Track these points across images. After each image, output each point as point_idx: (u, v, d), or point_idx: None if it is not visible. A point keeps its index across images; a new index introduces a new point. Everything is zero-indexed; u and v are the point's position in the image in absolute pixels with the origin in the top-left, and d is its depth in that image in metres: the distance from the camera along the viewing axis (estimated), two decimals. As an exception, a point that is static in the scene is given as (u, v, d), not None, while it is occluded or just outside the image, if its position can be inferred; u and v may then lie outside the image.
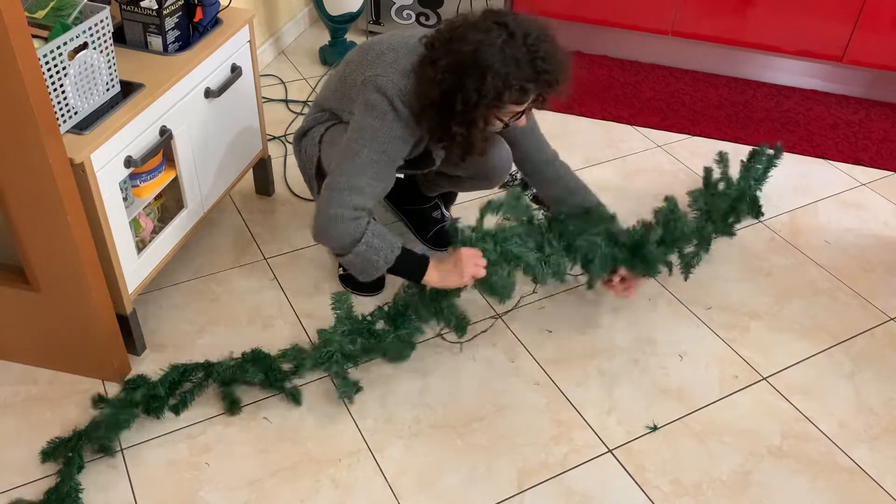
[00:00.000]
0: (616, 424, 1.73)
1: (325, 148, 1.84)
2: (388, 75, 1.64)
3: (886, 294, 2.13)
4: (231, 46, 1.93)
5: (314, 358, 1.72)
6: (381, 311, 1.82)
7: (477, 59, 1.53)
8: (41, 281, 1.60)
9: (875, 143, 2.79)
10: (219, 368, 1.73)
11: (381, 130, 1.64)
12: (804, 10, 2.87)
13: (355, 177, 1.64)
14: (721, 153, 2.30)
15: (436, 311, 1.80)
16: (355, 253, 1.66)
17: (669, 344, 1.94)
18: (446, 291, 1.77)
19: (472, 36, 1.54)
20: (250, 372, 1.72)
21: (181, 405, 1.69)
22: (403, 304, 1.80)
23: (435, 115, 1.63)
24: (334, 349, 1.72)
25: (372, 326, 1.79)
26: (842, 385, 1.86)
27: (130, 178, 1.72)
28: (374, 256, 1.67)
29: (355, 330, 1.76)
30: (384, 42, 1.73)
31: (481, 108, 1.57)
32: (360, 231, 1.65)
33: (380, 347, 1.78)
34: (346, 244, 1.66)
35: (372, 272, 1.70)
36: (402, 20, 3.21)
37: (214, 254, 2.13)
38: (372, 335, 1.78)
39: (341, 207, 1.63)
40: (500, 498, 1.58)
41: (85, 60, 1.55)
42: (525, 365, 1.87)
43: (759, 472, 1.65)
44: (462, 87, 1.55)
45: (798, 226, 2.37)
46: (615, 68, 3.19)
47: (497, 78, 1.53)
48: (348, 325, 1.76)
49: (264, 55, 3.01)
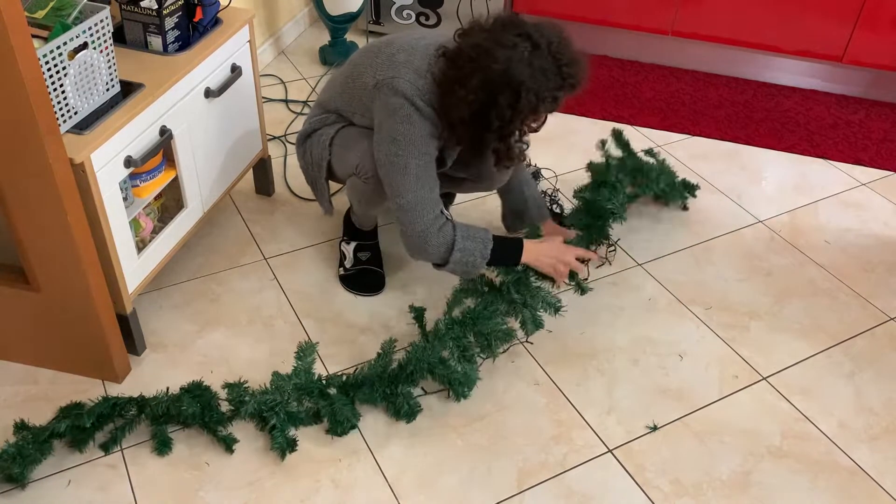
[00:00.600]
0: (616, 424, 1.73)
1: (336, 151, 1.84)
2: (403, 76, 1.65)
3: (886, 294, 2.13)
4: (231, 46, 1.93)
5: (258, 403, 1.64)
6: (338, 379, 1.73)
7: (508, 77, 1.55)
8: (41, 281, 1.60)
9: (875, 143, 2.79)
10: (151, 403, 1.64)
11: (414, 134, 1.66)
12: (804, 10, 2.87)
13: (418, 190, 1.68)
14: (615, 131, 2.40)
15: (389, 393, 1.71)
16: (453, 261, 1.73)
17: (669, 344, 1.94)
18: (409, 373, 1.70)
19: (499, 53, 1.55)
20: (185, 406, 1.62)
21: (111, 443, 1.61)
22: (363, 378, 1.71)
23: (467, 130, 1.65)
24: (279, 402, 1.64)
25: (325, 389, 1.71)
26: (842, 385, 1.86)
27: (130, 178, 1.72)
28: (471, 258, 1.73)
29: (307, 387, 1.69)
30: (393, 44, 1.73)
31: (517, 122, 1.61)
32: (451, 238, 1.72)
33: (325, 412, 1.67)
34: (442, 254, 1.72)
35: (474, 272, 1.77)
36: (402, 20, 3.20)
37: (214, 254, 2.13)
38: (322, 397, 1.69)
39: (423, 223, 1.69)
40: (500, 498, 1.58)
41: (85, 60, 1.55)
42: (525, 365, 1.87)
43: (759, 472, 1.65)
44: (496, 105, 1.57)
45: (798, 226, 2.37)
46: (615, 68, 3.19)
47: (531, 93, 1.56)
48: (303, 379, 1.69)
49: (264, 55, 3.01)
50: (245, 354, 1.85)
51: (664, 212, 2.38)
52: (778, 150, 2.72)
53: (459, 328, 1.75)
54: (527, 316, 1.79)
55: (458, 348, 1.73)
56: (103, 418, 1.63)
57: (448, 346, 1.72)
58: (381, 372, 1.72)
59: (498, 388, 1.80)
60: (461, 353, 1.73)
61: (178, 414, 1.63)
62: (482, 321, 1.75)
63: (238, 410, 1.65)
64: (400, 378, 1.71)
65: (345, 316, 1.97)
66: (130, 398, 1.66)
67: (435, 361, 1.71)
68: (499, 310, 1.78)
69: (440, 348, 1.72)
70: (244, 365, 1.82)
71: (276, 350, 1.86)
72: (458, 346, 1.73)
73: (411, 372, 1.70)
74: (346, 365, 1.84)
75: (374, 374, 1.72)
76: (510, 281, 1.80)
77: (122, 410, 1.65)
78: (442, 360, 1.72)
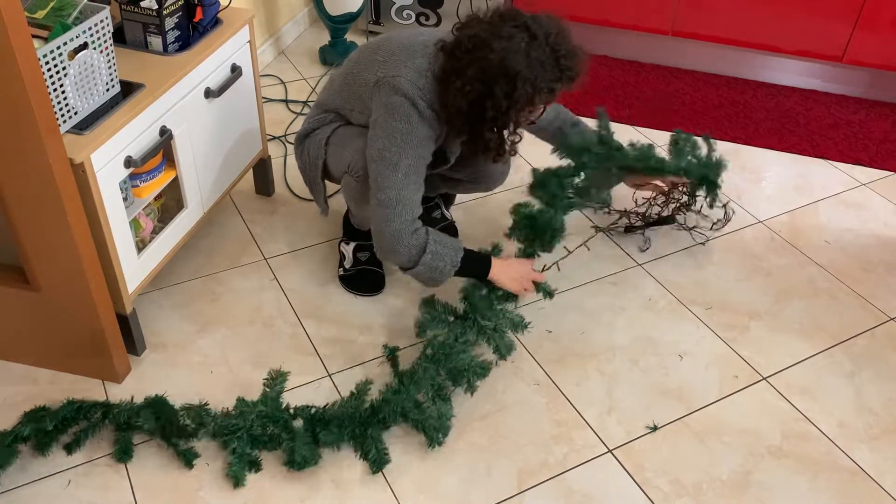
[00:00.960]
0: (616, 424, 1.73)
1: (332, 150, 1.84)
2: (404, 75, 1.64)
3: (886, 294, 2.13)
4: (231, 46, 1.93)
5: (219, 426, 1.60)
6: (307, 411, 1.65)
7: (505, 68, 1.54)
8: (41, 281, 1.60)
9: (875, 143, 2.79)
10: (115, 410, 1.62)
11: (411, 134, 1.64)
12: (804, 10, 2.87)
13: (403, 189, 1.65)
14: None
15: (359, 434, 1.63)
16: (422, 264, 1.69)
17: (669, 344, 1.94)
18: (381, 418, 1.64)
19: (495, 44, 1.55)
20: (142, 421, 1.59)
21: (74, 445, 1.59)
22: (332, 416, 1.64)
23: (465, 122, 1.65)
24: (240, 427, 1.59)
25: (289, 422, 1.63)
26: (842, 385, 1.86)
27: (130, 178, 1.72)
28: (441, 263, 1.71)
29: (272, 416, 1.62)
30: (392, 41, 1.73)
31: (512, 112, 1.60)
32: (423, 241, 1.69)
33: (286, 446, 1.60)
34: (413, 257, 1.69)
35: (440, 279, 1.74)
36: (402, 20, 3.21)
37: (214, 254, 2.13)
38: (286, 429, 1.62)
39: (399, 222, 1.66)
40: (500, 498, 1.58)
41: (85, 60, 1.55)
42: (525, 365, 1.87)
43: (759, 472, 1.65)
44: (492, 95, 1.57)
45: (798, 226, 2.37)
46: (615, 68, 3.19)
47: (527, 83, 1.55)
48: (270, 407, 1.63)
49: (264, 55, 3.01)
50: (245, 354, 1.85)
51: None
52: (778, 150, 2.72)
53: (433, 366, 1.69)
54: (498, 341, 1.77)
55: (433, 387, 1.67)
56: (68, 422, 1.61)
57: (424, 387, 1.67)
58: (353, 412, 1.65)
59: (498, 388, 1.80)
60: (436, 393, 1.68)
61: (137, 426, 1.61)
62: (455, 356, 1.70)
63: (197, 431, 1.61)
64: (371, 422, 1.64)
65: (345, 316, 1.97)
66: (95, 402, 1.64)
67: (409, 406, 1.65)
68: (469, 340, 1.74)
69: (415, 392, 1.66)
70: (244, 365, 1.82)
71: (276, 350, 1.86)
72: (433, 385, 1.68)
73: (383, 417, 1.64)
74: (345, 365, 1.84)
75: (344, 413, 1.64)
76: (474, 304, 1.78)
77: (87, 414, 1.62)
78: (416, 404, 1.66)
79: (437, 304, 1.82)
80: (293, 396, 1.74)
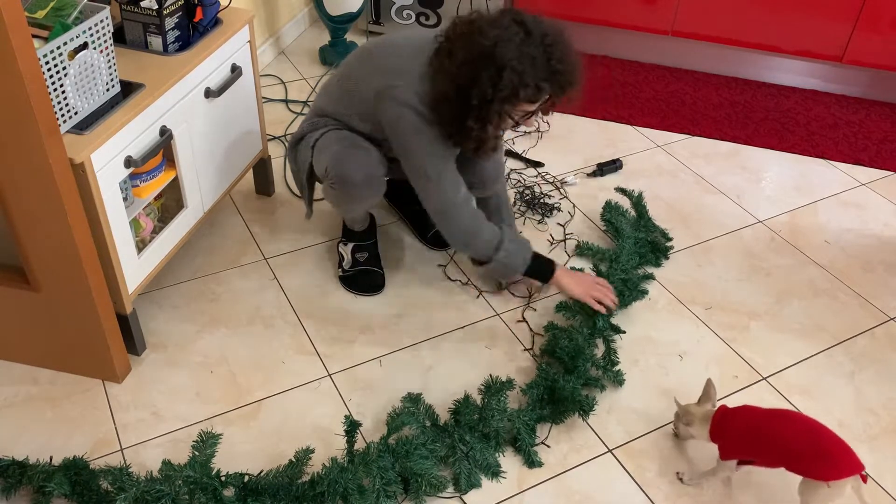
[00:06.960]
0: (616, 424, 1.73)
1: (316, 154, 1.85)
2: (403, 85, 1.66)
3: (886, 294, 2.13)
4: (231, 46, 1.93)
5: (141, 491, 1.43)
6: (239, 479, 1.50)
7: (494, 55, 1.55)
8: (41, 281, 1.60)
9: (875, 143, 2.79)
10: (29, 472, 1.50)
11: (424, 142, 1.69)
12: (804, 10, 2.88)
13: (442, 193, 1.75)
14: None
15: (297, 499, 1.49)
16: (496, 260, 1.78)
17: (669, 344, 1.94)
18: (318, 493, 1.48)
19: (490, 31, 1.56)
20: (53, 486, 1.45)
21: None
22: (266, 485, 1.49)
23: (450, 110, 1.64)
24: (165, 493, 1.43)
25: (219, 490, 1.46)
26: (842, 385, 1.86)
27: (130, 178, 1.72)
28: (515, 259, 1.79)
29: (200, 483, 1.45)
30: (387, 46, 1.74)
31: (496, 103, 1.59)
32: (499, 234, 1.78)
33: None
34: (490, 249, 1.78)
35: (512, 274, 1.84)
36: (402, 20, 3.20)
37: (214, 254, 2.13)
38: (216, 498, 1.45)
39: (469, 218, 1.77)
40: (500, 498, 1.58)
41: (85, 60, 1.55)
42: (525, 365, 1.86)
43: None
44: (478, 81, 1.57)
45: (798, 226, 2.37)
46: (615, 68, 3.19)
47: (514, 74, 1.55)
48: (199, 473, 1.47)
49: (264, 55, 3.01)
50: (245, 354, 1.85)
51: (664, 212, 2.38)
52: (778, 150, 2.72)
53: (390, 457, 1.54)
54: (464, 470, 1.57)
55: (382, 480, 1.50)
56: None
57: (372, 474, 1.50)
58: (288, 483, 1.50)
59: (498, 388, 1.80)
60: (383, 487, 1.50)
61: (50, 492, 1.47)
62: (415, 458, 1.54)
63: (118, 496, 1.43)
64: (307, 496, 1.48)
65: (345, 316, 1.97)
66: (13, 461, 1.53)
67: (352, 488, 1.47)
68: (437, 452, 1.58)
69: (362, 475, 1.50)
70: (244, 365, 1.82)
71: (276, 350, 1.86)
72: (383, 478, 1.50)
73: (321, 493, 1.47)
74: (345, 365, 1.84)
75: (279, 483, 1.50)
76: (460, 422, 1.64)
77: (5, 473, 1.52)
78: (361, 489, 1.48)
79: (422, 404, 1.67)
80: (293, 396, 1.74)
